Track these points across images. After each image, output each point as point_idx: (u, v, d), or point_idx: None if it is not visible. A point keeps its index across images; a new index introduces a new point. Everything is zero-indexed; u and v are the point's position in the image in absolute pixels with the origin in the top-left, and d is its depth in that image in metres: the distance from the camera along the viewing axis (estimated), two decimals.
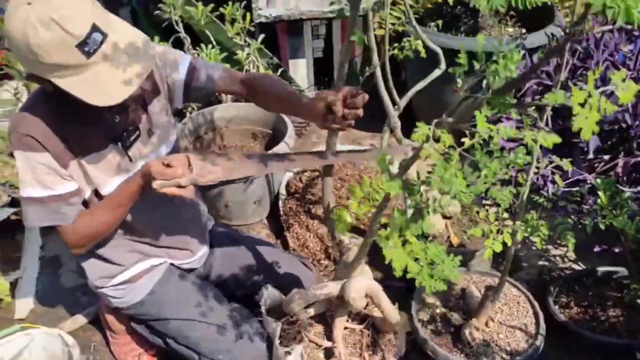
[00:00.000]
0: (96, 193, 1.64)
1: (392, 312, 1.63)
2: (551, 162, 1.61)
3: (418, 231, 1.04)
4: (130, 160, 1.67)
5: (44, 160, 1.50)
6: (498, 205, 1.58)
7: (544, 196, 1.69)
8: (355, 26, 1.23)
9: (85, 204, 1.64)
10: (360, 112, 1.42)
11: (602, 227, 1.71)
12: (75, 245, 1.64)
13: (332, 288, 1.61)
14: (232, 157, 1.51)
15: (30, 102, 1.55)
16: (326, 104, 1.44)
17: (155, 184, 1.43)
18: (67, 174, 1.55)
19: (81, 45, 1.30)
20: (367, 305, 1.80)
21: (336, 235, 1.59)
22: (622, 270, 2.15)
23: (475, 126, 0.94)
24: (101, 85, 1.35)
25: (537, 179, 2.13)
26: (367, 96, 1.42)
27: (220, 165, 1.46)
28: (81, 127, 1.54)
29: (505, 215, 2.08)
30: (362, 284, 1.56)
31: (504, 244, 1.52)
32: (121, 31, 1.39)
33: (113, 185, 1.64)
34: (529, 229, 1.53)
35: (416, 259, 1.09)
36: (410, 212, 1.06)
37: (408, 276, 1.10)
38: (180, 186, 1.43)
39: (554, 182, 2.17)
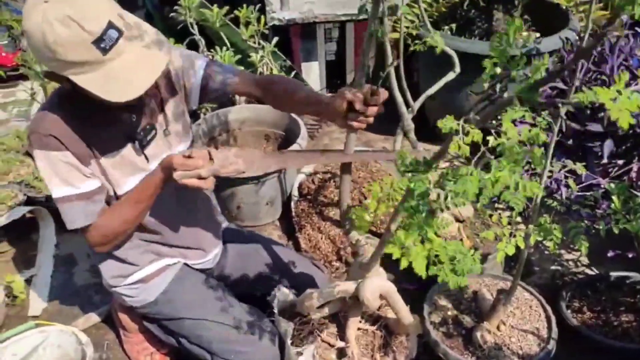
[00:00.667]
0: (113, 193, 1.66)
1: (405, 313, 1.64)
2: (565, 166, 1.61)
3: (434, 229, 1.06)
4: (147, 159, 1.68)
5: (66, 158, 1.52)
6: (511, 209, 1.58)
7: (557, 200, 1.69)
8: (375, 24, 1.23)
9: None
10: (381, 109, 1.42)
11: (615, 231, 1.70)
12: (98, 244, 1.65)
13: (346, 287, 1.61)
14: (253, 151, 1.52)
15: (48, 103, 1.57)
16: (347, 102, 1.43)
17: (176, 175, 1.43)
18: (89, 171, 1.57)
19: (97, 41, 1.31)
20: (380, 306, 1.80)
21: (352, 235, 1.59)
22: (635, 276, 2.14)
23: (500, 126, 0.95)
24: (117, 82, 1.36)
25: (551, 182, 2.13)
26: (387, 93, 1.41)
27: (242, 158, 1.46)
28: (99, 127, 1.56)
29: (519, 219, 2.08)
30: (377, 285, 1.57)
31: (517, 247, 1.52)
32: (137, 28, 1.41)
33: (130, 185, 1.65)
34: (542, 233, 1.53)
35: (436, 256, 1.11)
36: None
37: (431, 272, 1.11)
38: (201, 177, 1.43)
39: (567, 186, 2.16)
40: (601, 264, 2.37)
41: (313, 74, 3.86)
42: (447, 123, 0.98)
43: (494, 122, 1.03)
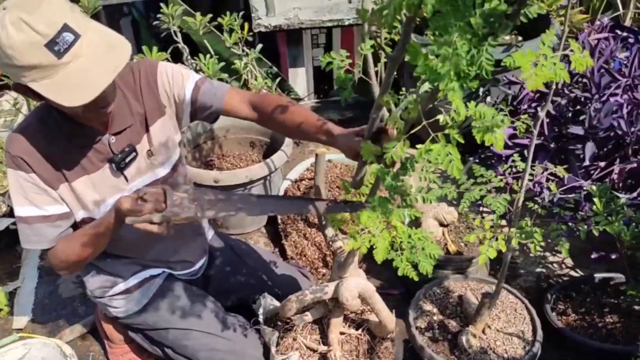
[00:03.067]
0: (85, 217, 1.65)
1: (386, 314, 1.64)
2: (546, 169, 1.62)
3: (402, 217, 1.08)
4: (127, 180, 1.67)
5: (33, 180, 1.52)
6: (495, 213, 1.59)
7: (538, 203, 1.70)
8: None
9: (76, 226, 1.65)
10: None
11: (595, 233, 1.72)
12: (58, 269, 1.67)
13: (327, 289, 1.61)
14: (205, 192, 1.46)
15: (25, 123, 1.56)
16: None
17: (128, 220, 1.39)
18: (57, 195, 1.57)
19: (51, 44, 1.28)
20: (362, 312, 1.80)
21: (327, 232, 1.59)
22: (619, 277, 2.15)
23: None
24: (72, 86, 1.33)
25: (534, 185, 2.14)
26: (394, 133, 1.36)
27: (196, 202, 1.41)
28: (76, 149, 1.56)
29: (503, 222, 2.08)
30: (355, 284, 1.57)
31: (499, 250, 1.52)
32: (97, 32, 1.38)
33: (107, 206, 1.65)
34: (523, 235, 1.53)
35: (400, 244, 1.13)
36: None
37: (389, 257, 1.13)
38: (153, 222, 1.39)
39: (549, 189, 2.18)
40: (585, 266, 2.38)
41: (300, 80, 3.87)
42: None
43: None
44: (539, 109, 1.44)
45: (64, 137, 1.53)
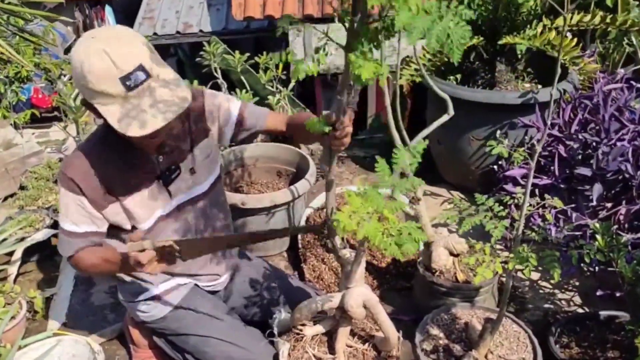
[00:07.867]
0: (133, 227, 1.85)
1: (389, 325, 1.75)
2: (542, 202, 1.74)
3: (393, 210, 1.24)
4: (170, 195, 1.87)
5: (79, 202, 1.73)
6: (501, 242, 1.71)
7: (535, 231, 1.82)
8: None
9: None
10: (349, 129, 1.55)
11: (586, 259, 1.81)
12: (80, 271, 1.93)
13: (334, 298, 1.74)
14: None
15: (88, 141, 1.78)
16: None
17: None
18: (98, 217, 1.78)
19: (124, 78, 1.49)
20: (369, 329, 1.92)
21: (335, 244, 1.73)
22: (624, 315, 2.21)
23: None
24: (132, 118, 1.52)
25: (531, 218, 2.24)
26: (352, 114, 1.57)
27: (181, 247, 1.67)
28: (128, 166, 1.77)
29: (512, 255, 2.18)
30: (360, 293, 1.69)
31: (507, 280, 1.63)
32: (165, 81, 1.56)
33: (153, 219, 1.85)
34: (518, 260, 1.65)
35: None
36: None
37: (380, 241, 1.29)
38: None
39: (557, 225, 2.28)
40: (594, 305, 2.44)
41: None
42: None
43: None
44: (535, 143, 1.57)
45: (119, 155, 1.74)
